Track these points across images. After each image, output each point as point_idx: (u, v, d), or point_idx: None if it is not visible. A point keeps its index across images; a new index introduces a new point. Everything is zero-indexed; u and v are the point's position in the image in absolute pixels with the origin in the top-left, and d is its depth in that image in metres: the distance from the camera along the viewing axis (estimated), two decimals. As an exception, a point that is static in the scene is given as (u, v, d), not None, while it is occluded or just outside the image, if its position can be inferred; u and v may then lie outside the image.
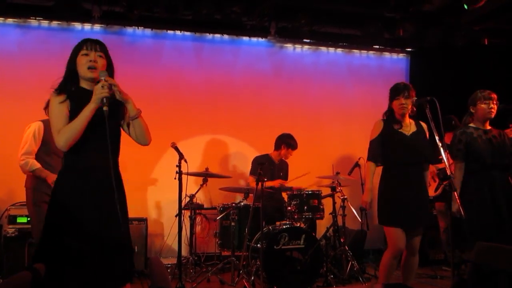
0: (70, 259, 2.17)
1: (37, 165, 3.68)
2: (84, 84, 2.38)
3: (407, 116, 3.43)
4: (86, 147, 2.25)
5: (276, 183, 4.99)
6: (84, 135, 2.22)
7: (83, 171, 2.27)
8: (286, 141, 5.06)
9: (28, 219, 4.39)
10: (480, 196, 3.38)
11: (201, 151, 5.66)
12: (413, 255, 3.39)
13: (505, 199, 3.40)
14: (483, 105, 3.49)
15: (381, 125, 3.44)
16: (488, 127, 3.58)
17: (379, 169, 3.51)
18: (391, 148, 3.39)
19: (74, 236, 2.19)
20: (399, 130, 3.39)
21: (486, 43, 5.81)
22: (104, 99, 2.17)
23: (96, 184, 2.26)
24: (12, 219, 4.39)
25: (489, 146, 3.47)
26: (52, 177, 3.59)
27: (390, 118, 3.45)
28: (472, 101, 3.57)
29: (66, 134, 2.20)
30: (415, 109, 3.43)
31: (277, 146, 5.12)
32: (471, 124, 3.58)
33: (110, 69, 2.40)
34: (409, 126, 3.42)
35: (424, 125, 3.48)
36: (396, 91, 3.40)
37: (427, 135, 3.45)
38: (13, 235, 4.31)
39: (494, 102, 3.50)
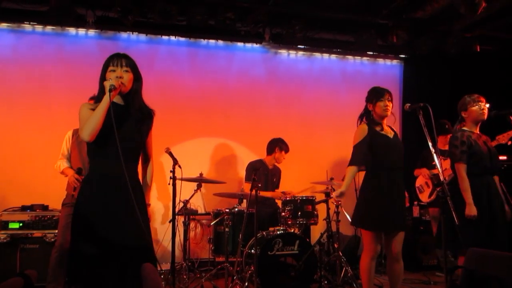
0: (87, 265, 2.27)
1: (64, 165, 3.95)
2: (114, 99, 2.46)
3: (385, 120, 3.45)
4: (107, 154, 2.36)
5: (276, 194, 5.00)
6: (105, 143, 2.34)
7: (103, 177, 2.37)
8: (278, 145, 5.11)
9: (20, 224, 4.37)
10: (478, 201, 3.35)
11: (195, 156, 5.65)
12: (397, 261, 3.39)
13: (499, 203, 3.42)
14: (475, 108, 3.50)
15: (366, 129, 3.42)
16: (478, 132, 3.60)
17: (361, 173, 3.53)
18: (378, 152, 3.37)
19: (91, 241, 2.29)
20: (383, 133, 3.41)
21: (478, 50, 5.87)
22: (112, 86, 2.30)
23: (115, 191, 2.34)
24: (4, 225, 4.35)
25: (486, 150, 3.48)
26: (70, 173, 3.83)
27: (370, 121, 3.46)
28: (463, 106, 3.57)
29: (87, 125, 2.31)
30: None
31: (270, 151, 5.14)
32: (464, 128, 3.56)
33: (138, 82, 2.51)
34: (387, 129, 3.47)
35: (396, 130, 3.56)
36: (379, 93, 3.42)
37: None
38: (4, 240, 4.27)
39: (485, 104, 3.52)
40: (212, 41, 5.93)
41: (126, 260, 2.29)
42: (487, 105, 3.54)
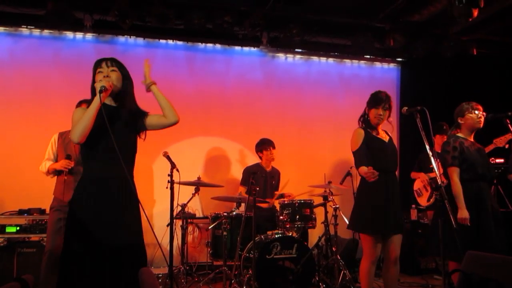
0: (79, 264, 2.27)
1: (49, 162, 3.89)
2: (105, 100, 2.46)
3: (380, 125, 3.51)
4: (99, 156, 2.37)
5: (271, 202, 5.00)
6: (97, 145, 2.34)
7: (97, 180, 2.36)
8: (258, 148, 5.16)
9: (17, 228, 4.36)
10: (469, 205, 3.38)
11: (193, 159, 5.65)
12: (395, 264, 3.40)
13: (491, 210, 3.42)
14: (472, 115, 3.52)
15: (362, 133, 3.46)
16: (473, 140, 3.62)
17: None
18: (373, 155, 3.40)
19: (84, 244, 2.29)
20: (378, 137, 3.45)
21: (475, 53, 5.90)
22: (102, 88, 2.31)
23: (108, 194, 2.34)
24: (1, 229, 4.34)
25: (479, 156, 3.50)
26: (58, 164, 3.78)
27: (367, 125, 3.50)
28: (460, 112, 3.60)
29: (77, 127, 2.31)
30: (390, 119, 3.50)
31: (259, 155, 5.19)
32: (459, 134, 3.60)
33: (126, 81, 2.54)
34: (382, 133, 3.51)
35: (391, 135, 3.61)
36: (377, 101, 3.45)
37: None
38: (1, 244, 4.26)
39: (482, 113, 3.55)
40: (209, 45, 5.94)
41: (120, 264, 2.28)
42: (484, 114, 3.56)
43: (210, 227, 4.58)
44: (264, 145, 5.11)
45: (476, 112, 3.52)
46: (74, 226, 2.36)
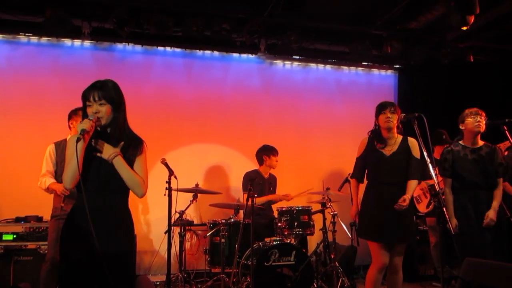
0: (76, 273, 2.27)
1: (50, 180, 3.84)
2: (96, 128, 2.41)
3: (394, 131, 3.47)
4: (90, 188, 2.32)
5: (276, 196, 5.02)
6: (87, 178, 2.31)
7: (85, 210, 2.23)
8: (265, 153, 5.14)
9: (14, 236, 4.33)
10: (465, 214, 3.42)
11: (191, 166, 5.63)
12: (395, 273, 3.41)
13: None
14: (470, 119, 3.57)
15: (365, 143, 3.57)
16: (479, 144, 3.62)
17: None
18: (370, 167, 3.53)
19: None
20: (380, 150, 3.45)
21: (472, 60, 5.93)
22: (82, 132, 2.20)
23: (97, 223, 2.24)
24: (-2, 237, 4.31)
25: (474, 165, 3.52)
26: (58, 186, 3.73)
27: (376, 136, 3.52)
28: (461, 118, 3.67)
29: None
30: (401, 126, 3.49)
31: (260, 161, 5.17)
32: (460, 142, 3.65)
33: (117, 112, 2.41)
34: (392, 145, 3.46)
35: (412, 141, 3.51)
36: (382, 106, 3.49)
37: (417, 152, 3.44)
38: (-2, 253, 4.23)
39: (482, 117, 3.57)
40: (207, 52, 5.95)
41: (110, 271, 2.26)
42: (484, 118, 3.58)
43: (208, 234, 4.56)
44: (272, 151, 5.11)
45: (474, 116, 3.55)
46: (63, 256, 2.36)
